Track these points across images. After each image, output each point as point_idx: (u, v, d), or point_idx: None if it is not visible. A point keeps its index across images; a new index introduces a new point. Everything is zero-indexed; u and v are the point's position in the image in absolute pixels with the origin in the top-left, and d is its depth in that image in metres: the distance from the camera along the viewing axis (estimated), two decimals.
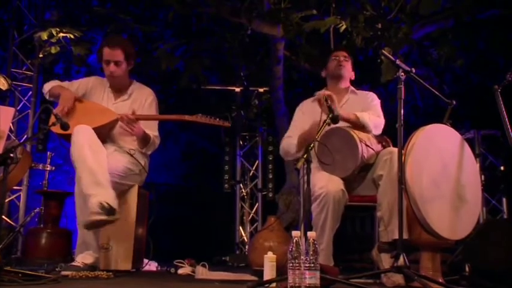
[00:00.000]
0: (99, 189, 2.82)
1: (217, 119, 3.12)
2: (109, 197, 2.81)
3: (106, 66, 3.29)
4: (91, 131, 2.97)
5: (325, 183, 2.75)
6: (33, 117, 5.67)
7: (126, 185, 3.21)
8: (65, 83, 3.43)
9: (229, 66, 6.70)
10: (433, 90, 2.75)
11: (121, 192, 3.15)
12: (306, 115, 3.17)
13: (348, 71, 3.26)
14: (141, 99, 3.38)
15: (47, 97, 3.38)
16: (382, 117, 3.08)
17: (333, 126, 2.64)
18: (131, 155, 3.24)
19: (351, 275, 2.41)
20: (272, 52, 5.71)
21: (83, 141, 2.91)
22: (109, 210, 2.76)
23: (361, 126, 2.93)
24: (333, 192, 2.73)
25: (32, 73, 5.80)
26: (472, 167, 2.72)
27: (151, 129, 3.29)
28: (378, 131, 3.03)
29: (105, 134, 3.23)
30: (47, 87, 3.37)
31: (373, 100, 3.19)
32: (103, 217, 2.73)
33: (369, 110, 3.06)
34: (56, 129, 2.95)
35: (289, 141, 3.15)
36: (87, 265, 2.96)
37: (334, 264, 2.77)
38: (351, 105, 3.15)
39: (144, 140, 3.23)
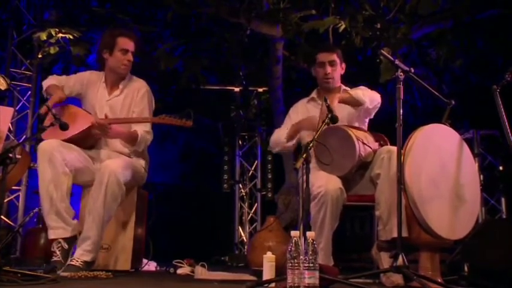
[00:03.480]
0: (57, 222, 2.96)
1: (180, 119, 3.03)
2: (66, 230, 2.96)
3: (123, 55, 3.23)
4: (57, 149, 3.00)
5: (324, 182, 2.76)
6: (32, 117, 5.65)
7: (129, 186, 3.18)
8: (63, 78, 3.40)
9: (228, 66, 6.70)
10: (432, 90, 2.75)
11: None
12: (301, 115, 3.22)
13: (337, 79, 3.25)
14: (133, 93, 3.32)
15: (45, 95, 3.36)
16: (376, 92, 3.15)
17: (330, 125, 2.64)
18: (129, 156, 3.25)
19: (350, 275, 2.42)
20: (271, 52, 5.72)
21: (45, 162, 2.99)
22: (67, 251, 2.93)
23: (357, 103, 3.02)
24: (331, 191, 2.73)
25: (31, 73, 5.78)
26: (470, 167, 2.72)
27: (143, 124, 3.23)
28: (375, 103, 3.12)
29: (90, 139, 3.18)
30: (45, 85, 3.36)
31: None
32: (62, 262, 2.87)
33: None
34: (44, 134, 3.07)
35: (280, 132, 3.24)
36: (85, 263, 2.88)
37: (333, 264, 2.77)
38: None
39: (128, 139, 3.20)
